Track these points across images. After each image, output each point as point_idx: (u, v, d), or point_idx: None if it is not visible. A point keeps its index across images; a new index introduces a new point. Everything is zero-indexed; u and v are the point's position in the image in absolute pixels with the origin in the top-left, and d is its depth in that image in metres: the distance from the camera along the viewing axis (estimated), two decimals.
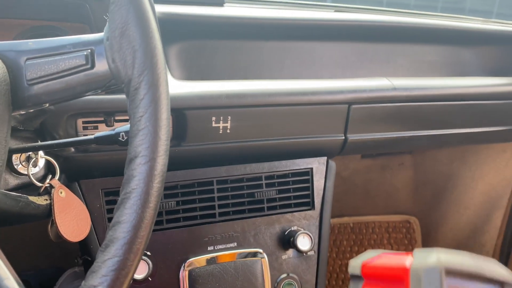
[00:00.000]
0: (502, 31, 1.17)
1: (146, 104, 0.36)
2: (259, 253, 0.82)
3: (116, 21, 0.37)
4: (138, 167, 0.35)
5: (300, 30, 0.99)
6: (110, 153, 0.74)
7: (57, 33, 0.80)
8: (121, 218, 0.35)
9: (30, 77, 0.40)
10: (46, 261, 1.24)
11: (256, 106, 0.81)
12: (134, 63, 0.36)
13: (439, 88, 0.95)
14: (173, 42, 0.88)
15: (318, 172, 0.89)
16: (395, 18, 1.11)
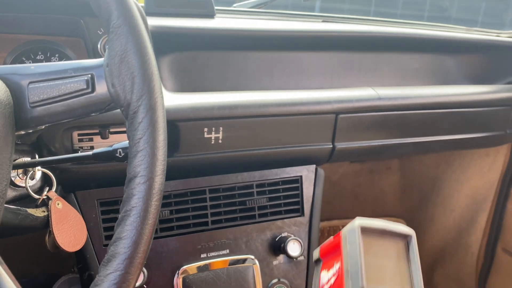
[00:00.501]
0: (484, 40, 1.21)
1: (144, 127, 0.38)
2: (250, 259, 0.85)
3: (116, 48, 0.39)
4: (137, 186, 0.38)
5: (288, 41, 1.02)
6: (105, 165, 0.76)
7: (52, 47, 0.82)
8: (122, 235, 0.37)
9: (33, 100, 0.43)
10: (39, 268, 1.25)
11: (247, 117, 0.84)
12: (133, 88, 0.39)
13: (422, 97, 0.98)
14: (166, 54, 0.90)
15: (307, 180, 0.92)
16: (381, 28, 1.15)
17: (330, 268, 0.42)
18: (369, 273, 0.38)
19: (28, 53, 0.80)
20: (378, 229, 0.40)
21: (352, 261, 0.38)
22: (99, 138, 0.76)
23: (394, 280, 0.39)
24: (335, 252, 0.41)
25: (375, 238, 0.40)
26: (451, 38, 1.18)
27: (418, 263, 0.40)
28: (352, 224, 0.40)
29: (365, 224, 0.40)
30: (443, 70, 1.20)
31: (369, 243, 0.39)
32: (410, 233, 0.42)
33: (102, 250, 0.77)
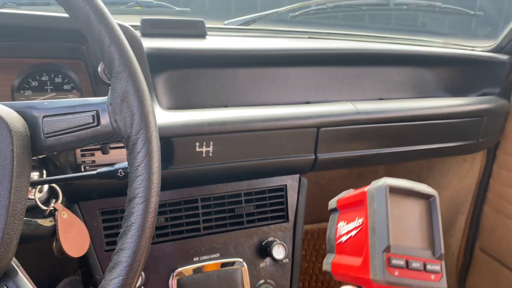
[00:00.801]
0: (459, 54, 1.30)
1: (142, 156, 0.46)
2: (239, 262, 0.93)
3: (118, 90, 0.47)
4: (136, 205, 0.46)
5: (275, 59, 1.09)
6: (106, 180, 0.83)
7: (56, 69, 0.89)
8: (124, 246, 0.45)
9: (46, 132, 0.50)
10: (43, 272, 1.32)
11: (235, 132, 0.91)
12: (132, 124, 0.47)
13: (398, 110, 1.07)
14: (161, 72, 0.98)
15: (292, 188, 1.00)
16: (363, 45, 1.23)
17: (350, 221, 0.43)
18: (394, 231, 0.39)
19: (34, 75, 0.88)
20: (404, 189, 0.41)
21: (379, 219, 0.39)
22: (100, 153, 0.84)
23: (417, 238, 0.40)
24: (358, 207, 0.43)
25: (400, 197, 0.41)
26: (429, 53, 1.27)
27: (440, 222, 0.41)
28: (380, 183, 0.41)
29: (393, 183, 0.41)
30: (421, 82, 1.28)
31: (395, 202, 0.40)
32: (433, 194, 0.43)
33: (104, 255, 0.85)
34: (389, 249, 0.38)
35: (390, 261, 0.38)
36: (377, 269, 0.38)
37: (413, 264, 0.39)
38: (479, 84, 1.32)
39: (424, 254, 0.40)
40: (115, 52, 0.47)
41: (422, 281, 0.38)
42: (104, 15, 0.47)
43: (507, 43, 1.28)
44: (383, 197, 0.40)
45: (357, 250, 0.41)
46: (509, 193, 1.36)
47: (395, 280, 0.38)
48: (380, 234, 0.39)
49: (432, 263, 0.40)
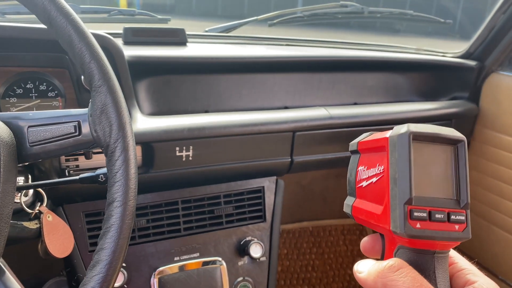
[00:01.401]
0: (431, 60, 1.36)
1: (120, 164, 0.51)
2: (218, 261, 0.97)
3: (97, 103, 0.51)
4: (115, 209, 0.50)
5: (254, 65, 1.14)
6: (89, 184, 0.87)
7: (40, 77, 0.92)
8: (104, 246, 0.49)
9: (31, 141, 0.54)
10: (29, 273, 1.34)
11: (214, 136, 0.96)
12: (111, 134, 0.51)
13: (370, 115, 1.12)
14: (142, 79, 1.02)
15: (269, 190, 1.05)
16: (338, 52, 1.29)
17: (371, 167, 0.40)
18: (417, 182, 0.37)
19: (19, 83, 0.91)
20: (429, 135, 0.38)
21: (401, 170, 0.37)
22: (83, 158, 0.88)
23: (441, 187, 0.38)
24: (379, 153, 0.40)
25: (425, 144, 0.38)
26: (401, 59, 1.33)
27: (467, 170, 0.38)
28: (402, 129, 0.38)
29: (417, 130, 0.38)
30: (395, 87, 1.34)
31: (419, 150, 0.37)
32: (461, 139, 0.39)
33: (88, 256, 0.89)
34: (411, 202, 0.36)
35: (412, 214, 0.36)
36: (397, 222, 0.36)
37: (436, 215, 0.36)
38: (450, 88, 1.38)
39: (449, 203, 0.37)
40: (94, 68, 0.51)
41: (445, 232, 0.36)
42: (84, 34, 0.51)
43: (475, 50, 1.35)
44: (405, 146, 0.37)
45: (378, 197, 0.39)
46: (479, 193, 1.43)
47: (417, 232, 0.36)
48: (402, 186, 0.36)
49: (456, 213, 0.37)
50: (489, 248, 1.42)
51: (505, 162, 1.31)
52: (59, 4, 0.50)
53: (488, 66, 1.34)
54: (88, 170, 0.88)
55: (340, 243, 1.86)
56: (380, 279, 0.36)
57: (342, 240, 1.86)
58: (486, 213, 1.41)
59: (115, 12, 1.16)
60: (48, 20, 0.51)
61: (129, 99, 0.91)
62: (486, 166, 1.38)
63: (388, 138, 0.38)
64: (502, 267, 1.37)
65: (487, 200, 1.40)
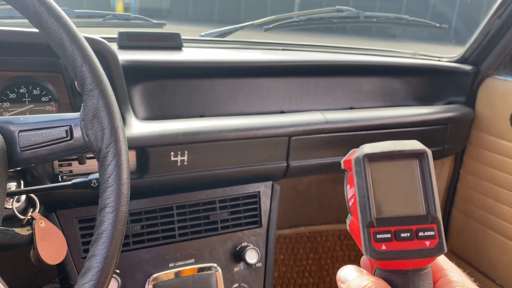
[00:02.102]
0: (427, 65, 1.36)
1: (112, 169, 0.50)
2: (213, 267, 0.96)
3: (89, 107, 0.51)
4: (107, 214, 0.49)
5: (250, 70, 1.14)
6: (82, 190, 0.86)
7: (33, 81, 0.92)
8: (95, 252, 0.48)
9: (22, 145, 0.53)
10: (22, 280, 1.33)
11: (209, 141, 0.95)
12: (103, 138, 0.50)
13: (366, 119, 1.12)
14: (137, 83, 1.01)
15: (265, 195, 1.04)
16: (334, 56, 1.29)
17: (351, 187, 0.40)
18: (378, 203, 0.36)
19: (12, 87, 0.90)
20: (386, 154, 0.37)
21: (360, 193, 0.36)
22: (77, 164, 0.87)
23: (407, 205, 0.37)
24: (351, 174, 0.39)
25: (385, 162, 0.37)
26: (397, 64, 1.33)
27: (433, 182, 0.36)
28: (358, 152, 0.37)
29: (370, 151, 0.37)
30: (391, 91, 1.34)
31: (378, 170, 0.37)
32: (423, 150, 0.37)
33: (81, 262, 0.87)
34: (373, 224, 0.36)
35: (375, 236, 0.35)
36: (363, 245, 0.36)
37: (401, 234, 0.36)
38: (445, 93, 1.38)
39: (416, 220, 0.36)
40: (86, 71, 0.50)
41: (414, 250, 0.35)
42: (76, 37, 0.51)
43: (470, 55, 1.35)
44: (361, 169, 0.36)
45: (357, 217, 0.38)
46: (475, 197, 1.43)
47: (382, 255, 0.35)
48: (362, 209, 0.36)
49: (424, 229, 0.36)
50: (486, 253, 1.41)
51: (501, 166, 1.31)
52: (51, 6, 0.50)
53: (484, 71, 1.34)
54: (82, 175, 0.87)
55: (337, 248, 1.85)
56: None
57: (339, 246, 1.85)
58: (482, 217, 1.41)
59: (110, 16, 1.16)
60: (39, 23, 0.51)
61: (123, 103, 0.91)
62: (482, 170, 1.38)
63: (351, 160, 0.38)
64: (498, 272, 1.37)
65: (483, 204, 1.40)
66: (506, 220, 1.33)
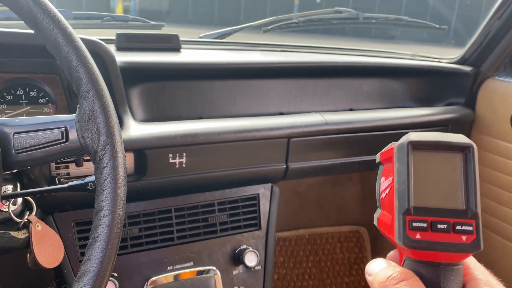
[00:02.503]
0: (426, 66, 1.35)
1: (108, 171, 0.49)
2: (212, 270, 0.95)
3: (85, 108, 0.50)
4: (103, 218, 0.48)
5: (249, 72, 1.13)
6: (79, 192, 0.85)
7: (30, 83, 0.91)
8: (91, 256, 0.47)
9: (17, 148, 0.52)
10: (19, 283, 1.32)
11: (208, 143, 0.94)
12: (99, 140, 0.50)
13: (366, 121, 1.11)
14: (135, 85, 1.00)
15: (264, 197, 1.03)
16: (333, 57, 1.28)
17: (386, 178, 0.40)
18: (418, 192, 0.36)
19: (9, 89, 0.89)
20: (431, 143, 0.37)
21: (400, 180, 0.36)
22: (74, 166, 0.86)
23: (447, 197, 0.36)
24: (390, 163, 0.39)
25: (428, 152, 0.37)
26: (397, 65, 1.32)
27: (476, 177, 0.36)
28: (403, 139, 0.38)
29: (416, 138, 0.37)
30: (391, 93, 1.33)
31: (422, 159, 0.37)
32: (469, 145, 0.37)
33: (78, 266, 0.86)
34: (410, 212, 0.35)
35: (410, 224, 0.35)
36: (397, 232, 0.36)
37: (438, 225, 0.35)
38: (445, 94, 1.38)
39: (455, 213, 0.36)
40: (82, 72, 0.50)
41: (449, 243, 0.35)
42: (71, 37, 0.50)
43: (470, 56, 1.35)
44: (404, 156, 0.36)
45: (390, 208, 0.38)
46: None
47: (415, 243, 0.35)
48: (401, 196, 0.36)
49: (462, 223, 0.35)
50: (487, 255, 1.40)
51: (501, 168, 1.30)
52: (45, 6, 0.49)
53: (484, 72, 1.33)
54: (79, 178, 0.86)
55: (337, 250, 1.84)
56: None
57: (339, 248, 1.84)
58: (483, 219, 1.40)
59: (108, 18, 1.15)
60: (34, 23, 0.50)
61: (121, 105, 0.90)
62: (482, 172, 1.37)
63: (393, 148, 0.38)
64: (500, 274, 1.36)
65: (484, 206, 1.39)
66: (507, 222, 1.32)
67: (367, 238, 1.86)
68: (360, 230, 1.85)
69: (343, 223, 1.84)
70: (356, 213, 1.83)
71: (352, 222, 1.85)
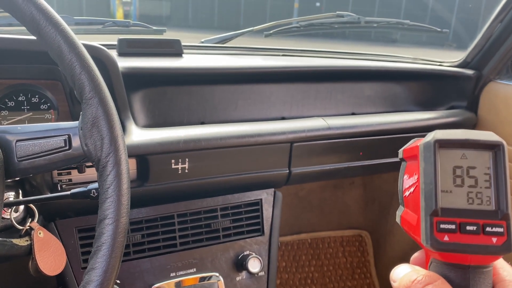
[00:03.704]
0: (428, 69, 1.35)
1: (112, 179, 0.48)
2: (215, 276, 0.95)
3: (88, 116, 0.50)
4: (106, 226, 0.48)
5: (250, 76, 1.13)
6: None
7: (32, 89, 0.91)
8: (95, 265, 0.47)
9: (20, 155, 0.52)
10: None
11: (210, 148, 0.94)
12: (102, 147, 0.49)
13: (368, 125, 1.11)
14: (137, 90, 1.00)
15: (267, 202, 1.03)
16: (335, 61, 1.28)
17: (410, 176, 0.39)
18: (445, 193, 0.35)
19: (11, 95, 0.89)
20: (459, 141, 0.35)
21: (427, 179, 0.35)
22: (76, 172, 0.85)
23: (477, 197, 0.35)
24: (415, 161, 0.38)
25: (456, 150, 0.36)
26: (399, 69, 1.32)
27: (507, 176, 0.35)
28: (429, 137, 0.36)
29: (443, 137, 0.35)
30: (392, 97, 1.33)
31: (449, 157, 0.35)
32: (499, 143, 0.35)
33: (80, 273, 0.86)
34: (437, 213, 0.34)
35: (438, 226, 0.34)
36: (424, 234, 0.35)
37: (467, 227, 0.34)
38: (448, 98, 1.37)
39: (484, 214, 0.34)
40: (85, 79, 0.49)
41: (479, 245, 0.34)
42: (74, 44, 0.50)
43: (472, 59, 1.34)
44: (431, 154, 0.35)
45: (415, 208, 0.37)
46: None
47: (444, 246, 0.34)
48: (428, 196, 0.35)
49: (493, 225, 0.34)
50: None
51: None
52: (48, 13, 0.49)
53: (486, 75, 1.33)
54: (81, 184, 0.86)
55: (340, 255, 1.83)
56: None
57: (341, 252, 1.83)
58: None
59: (110, 23, 1.15)
60: (37, 30, 0.50)
61: (123, 111, 0.89)
62: None
63: (419, 147, 0.37)
64: None
65: None
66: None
67: (369, 242, 1.85)
68: (362, 234, 1.84)
69: (345, 227, 1.84)
70: (358, 217, 1.83)
71: (354, 226, 1.84)
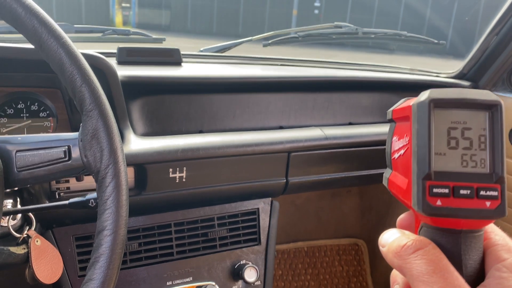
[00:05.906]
0: (425, 80, 1.36)
1: (111, 190, 0.49)
2: (211, 286, 0.95)
3: (88, 127, 0.50)
4: (104, 237, 0.48)
5: (249, 85, 1.13)
6: None
7: (31, 97, 0.91)
8: (93, 277, 0.47)
9: (19, 166, 0.52)
10: None
11: (208, 157, 0.94)
12: (101, 159, 0.50)
13: (365, 135, 1.11)
14: (136, 98, 1.01)
15: (264, 212, 1.03)
16: (333, 72, 1.29)
17: (401, 138, 0.37)
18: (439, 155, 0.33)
19: (10, 103, 0.90)
20: (454, 101, 0.34)
21: (420, 142, 0.33)
22: (74, 180, 0.86)
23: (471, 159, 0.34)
24: (406, 122, 0.36)
25: (451, 110, 0.34)
26: (396, 80, 1.33)
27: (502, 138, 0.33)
28: (423, 97, 0.34)
29: (438, 96, 0.33)
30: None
31: (443, 118, 0.34)
32: (496, 102, 0.33)
33: (77, 281, 0.86)
34: (430, 177, 0.33)
35: (431, 190, 0.33)
36: (416, 198, 0.33)
37: (461, 191, 0.33)
38: None
39: (479, 177, 0.33)
40: (86, 91, 0.50)
41: (472, 209, 0.32)
42: (76, 57, 0.50)
43: (468, 71, 1.36)
44: (425, 115, 0.33)
45: (405, 171, 0.35)
46: None
47: (436, 210, 0.33)
48: (420, 159, 0.33)
49: (487, 188, 0.33)
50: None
51: None
52: (50, 26, 0.49)
53: (482, 87, 1.35)
54: (80, 192, 0.86)
55: (336, 263, 1.83)
56: (396, 260, 0.34)
57: (338, 261, 1.84)
58: None
59: (110, 31, 1.16)
60: (38, 43, 0.50)
61: (122, 120, 0.90)
62: None
63: (411, 107, 0.35)
64: None
65: None
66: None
67: (365, 251, 1.85)
68: (358, 243, 1.85)
69: (341, 235, 1.84)
70: (355, 226, 1.83)
71: (351, 235, 1.85)
